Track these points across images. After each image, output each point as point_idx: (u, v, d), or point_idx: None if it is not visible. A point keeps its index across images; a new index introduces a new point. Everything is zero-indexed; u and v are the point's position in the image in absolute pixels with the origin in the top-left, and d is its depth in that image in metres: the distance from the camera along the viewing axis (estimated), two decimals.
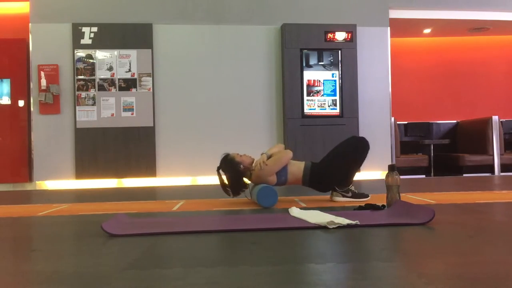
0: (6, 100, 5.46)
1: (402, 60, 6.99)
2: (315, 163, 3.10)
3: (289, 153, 3.02)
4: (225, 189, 3.01)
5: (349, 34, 5.53)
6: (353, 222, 1.99)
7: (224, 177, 3.01)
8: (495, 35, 7.07)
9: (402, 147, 6.20)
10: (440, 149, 6.59)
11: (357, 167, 3.11)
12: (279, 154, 3.03)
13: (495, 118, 6.10)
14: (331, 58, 5.51)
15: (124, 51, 5.33)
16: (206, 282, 1.22)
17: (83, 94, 5.27)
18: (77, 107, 5.25)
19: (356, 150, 3.05)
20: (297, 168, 3.05)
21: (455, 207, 2.65)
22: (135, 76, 5.34)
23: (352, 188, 3.04)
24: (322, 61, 5.52)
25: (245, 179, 3.06)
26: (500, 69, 7.25)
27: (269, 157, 3.01)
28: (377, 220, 2.10)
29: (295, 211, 2.38)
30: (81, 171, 5.24)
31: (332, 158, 3.08)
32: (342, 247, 1.70)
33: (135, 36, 5.34)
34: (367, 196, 3.04)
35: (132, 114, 5.32)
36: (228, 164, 2.99)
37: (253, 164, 3.02)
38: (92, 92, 5.28)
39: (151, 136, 5.34)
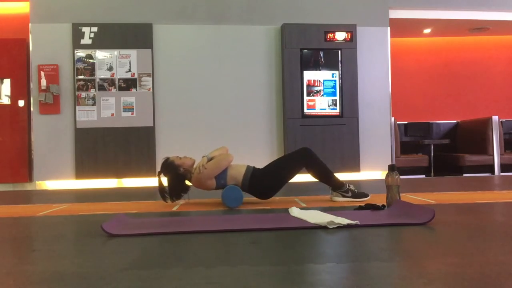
0: (6, 100, 5.47)
1: (402, 60, 6.99)
2: (257, 168, 3.04)
3: (230, 157, 2.96)
4: (162, 194, 2.93)
5: (349, 34, 5.53)
6: (353, 222, 1.99)
7: (164, 182, 2.94)
8: (495, 35, 7.07)
9: (402, 147, 6.21)
10: (440, 149, 6.59)
11: (320, 171, 3.01)
12: (219, 157, 2.96)
13: (495, 118, 6.11)
14: (331, 58, 5.51)
15: (124, 51, 5.33)
16: (206, 282, 1.22)
17: (83, 94, 5.27)
18: (77, 107, 5.25)
19: (293, 158, 3.07)
20: (238, 171, 2.97)
21: (455, 207, 2.65)
22: (135, 76, 5.34)
23: (352, 187, 3.03)
24: (322, 61, 5.52)
25: (188, 182, 2.99)
26: (500, 69, 7.25)
27: (210, 160, 2.95)
28: (377, 220, 2.10)
29: (295, 211, 2.38)
30: (81, 171, 5.24)
31: (272, 166, 3.06)
32: (342, 247, 1.70)
33: (135, 36, 5.34)
34: (367, 195, 3.03)
35: (132, 114, 5.32)
36: (169, 168, 2.94)
37: (193, 167, 2.97)
38: (92, 92, 5.28)
39: (151, 136, 5.34)
